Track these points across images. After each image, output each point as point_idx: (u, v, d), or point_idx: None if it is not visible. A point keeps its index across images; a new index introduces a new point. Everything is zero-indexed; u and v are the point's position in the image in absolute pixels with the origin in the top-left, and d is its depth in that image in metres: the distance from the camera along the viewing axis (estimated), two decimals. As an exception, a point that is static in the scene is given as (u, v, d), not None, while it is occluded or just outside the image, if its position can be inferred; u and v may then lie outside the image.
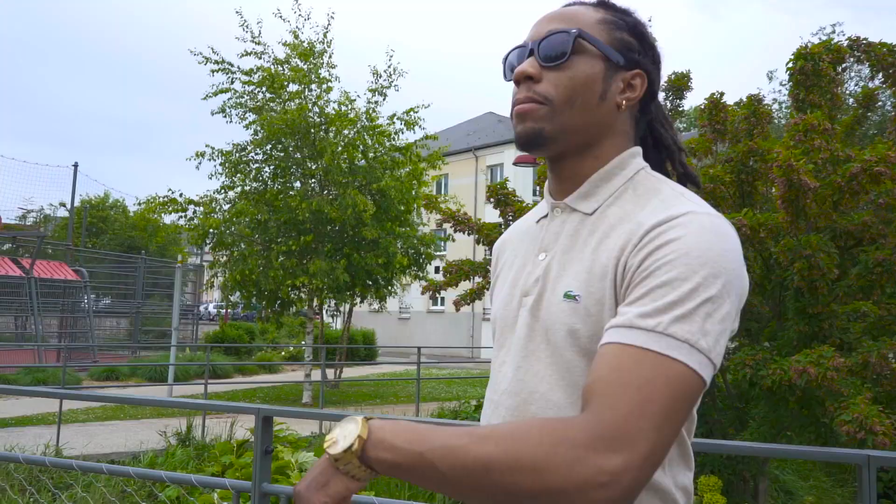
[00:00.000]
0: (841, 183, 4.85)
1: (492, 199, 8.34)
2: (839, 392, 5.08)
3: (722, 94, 6.67)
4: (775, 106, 24.67)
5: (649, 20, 1.12)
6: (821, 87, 5.53)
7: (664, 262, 0.82)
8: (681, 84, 8.20)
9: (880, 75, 6.30)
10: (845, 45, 5.91)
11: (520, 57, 1.01)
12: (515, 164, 13.38)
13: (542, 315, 0.95)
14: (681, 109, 9.13)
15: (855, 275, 5.60)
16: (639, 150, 1.02)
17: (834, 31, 25.24)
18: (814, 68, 5.47)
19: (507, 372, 0.99)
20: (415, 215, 13.30)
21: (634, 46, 0.99)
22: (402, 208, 12.70)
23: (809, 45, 5.57)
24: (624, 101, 0.98)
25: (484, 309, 28.04)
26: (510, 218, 8.35)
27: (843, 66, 5.73)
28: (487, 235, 8.39)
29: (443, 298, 31.52)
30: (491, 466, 0.74)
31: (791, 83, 5.77)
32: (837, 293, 5.72)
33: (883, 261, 5.36)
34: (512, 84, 1.01)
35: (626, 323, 0.81)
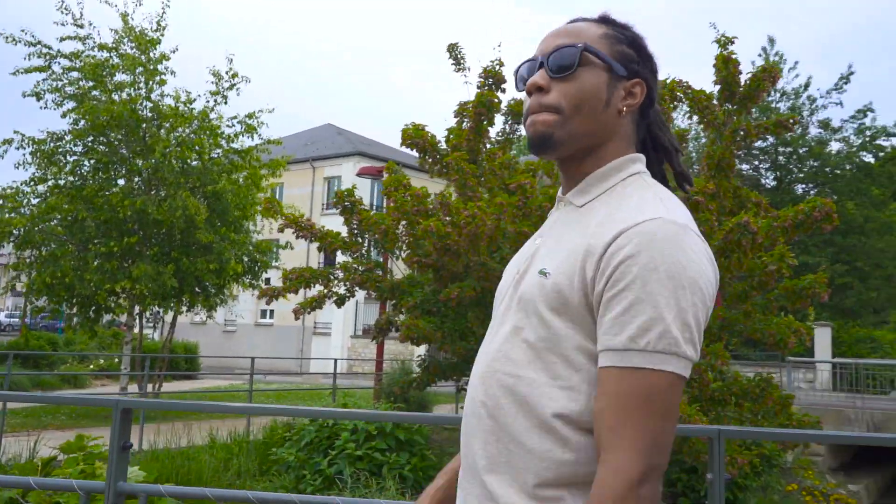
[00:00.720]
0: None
1: (337, 207, 8.26)
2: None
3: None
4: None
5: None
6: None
7: (630, 281, 0.92)
8: (518, 109, 8.66)
9: (695, 117, 7.09)
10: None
11: (530, 70, 1.10)
12: (359, 174, 13.37)
13: (521, 288, 1.05)
14: (519, 135, 9.63)
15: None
16: (641, 157, 1.10)
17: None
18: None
19: (489, 338, 1.10)
20: (250, 222, 12.79)
21: (634, 58, 1.08)
22: (238, 214, 12.18)
23: None
24: (625, 108, 1.07)
25: (315, 322, 27.50)
26: (355, 226, 8.30)
27: (674, 103, 6.34)
28: (331, 244, 8.28)
29: (272, 311, 30.55)
30: None
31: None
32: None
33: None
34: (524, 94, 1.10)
35: (618, 346, 0.91)
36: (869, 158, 23.91)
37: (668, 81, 6.26)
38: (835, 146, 23.76)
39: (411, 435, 6.66)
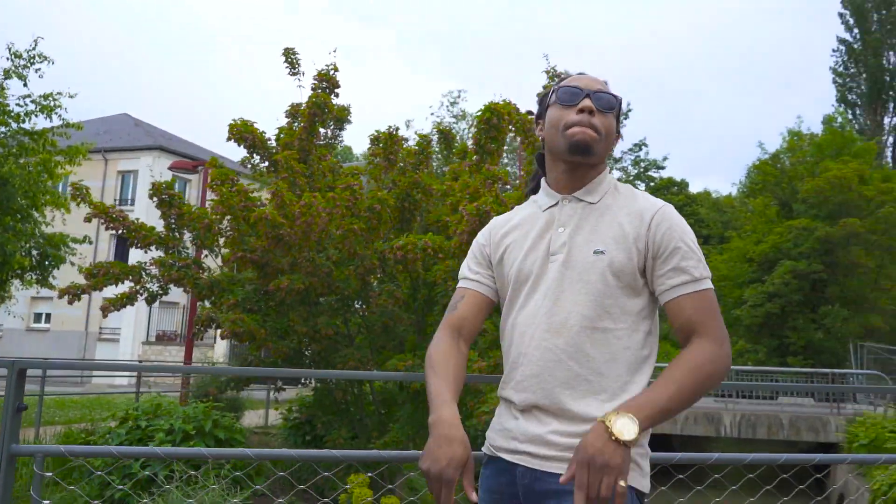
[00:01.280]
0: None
1: (155, 198, 7.86)
2: (479, 389, 6.04)
3: (397, 128, 7.46)
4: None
5: None
6: (497, 139, 6.64)
7: (675, 237, 1.47)
8: (342, 115, 8.83)
9: (518, 139, 7.77)
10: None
11: (573, 95, 1.52)
12: (171, 168, 12.62)
13: (573, 265, 1.47)
14: (340, 140, 9.81)
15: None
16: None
17: (459, 96, 29.40)
18: (496, 122, 6.58)
19: (543, 304, 1.47)
20: (38, 213, 11.55)
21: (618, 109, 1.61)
22: (26, 202, 10.97)
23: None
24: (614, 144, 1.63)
25: (101, 328, 25.22)
26: (173, 220, 7.94)
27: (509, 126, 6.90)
28: (145, 238, 7.84)
29: (48, 315, 27.45)
30: (701, 389, 1.37)
31: (476, 130, 6.82)
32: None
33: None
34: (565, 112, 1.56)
35: (685, 280, 1.44)
36: (642, 187, 27.18)
37: (501, 103, 6.79)
38: (616, 174, 26.71)
39: (232, 434, 6.52)
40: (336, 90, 7.78)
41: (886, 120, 33.21)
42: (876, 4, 34.11)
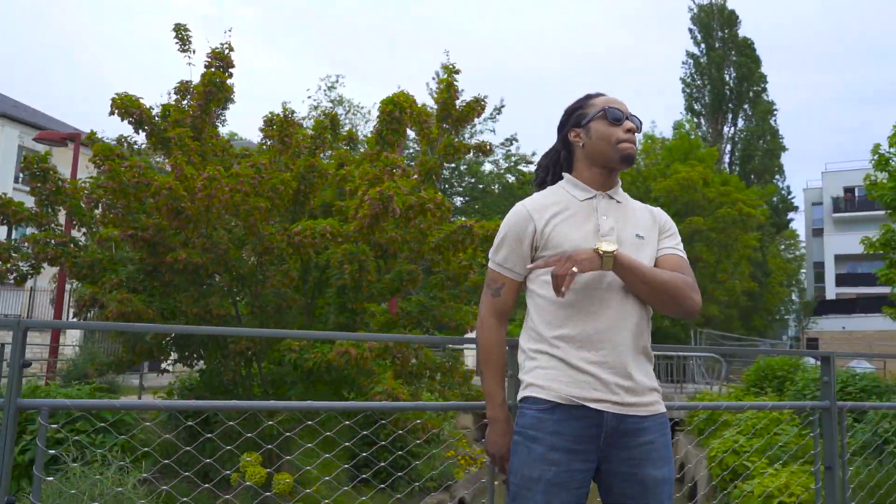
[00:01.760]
0: (400, 210, 6.08)
1: (25, 172, 7.43)
2: (371, 370, 6.30)
3: (293, 111, 7.50)
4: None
5: None
6: (399, 131, 6.87)
7: (672, 226, 2.11)
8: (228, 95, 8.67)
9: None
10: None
11: (620, 116, 1.97)
12: (37, 140, 11.68)
13: (625, 245, 1.91)
14: (224, 119, 9.66)
15: (388, 279, 7.01)
16: None
17: (337, 81, 29.15)
18: (398, 114, 6.79)
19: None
20: None
21: None
22: None
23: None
24: None
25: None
26: (45, 195, 7.54)
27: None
28: (14, 214, 7.40)
29: None
30: (679, 287, 1.90)
31: (379, 121, 6.99)
32: (372, 292, 7.05)
33: (410, 271, 6.88)
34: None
35: (676, 247, 2.04)
36: (512, 180, 28.33)
37: (400, 94, 7.03)
38: (487, 167, 27.68)
39: (120, 415, 6.38)
40: (230, 69, 7.68)
41: (726, 129, 36.65)
42: (720, 23, 37.44)
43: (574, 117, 2.02)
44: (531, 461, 1.76)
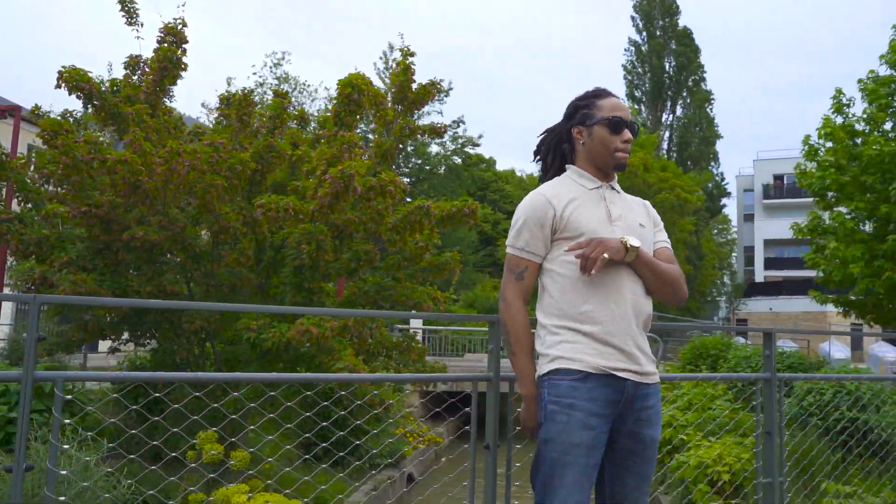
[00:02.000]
0: (361, 190, 6.17)
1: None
2: (332, 348, 6.41)
3: (251, 90, 7.46)
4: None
5: None
6: (356, 112, 6.92)
7: (659, 219, 2.38)
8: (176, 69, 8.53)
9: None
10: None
11: (620, 126, 2.17)
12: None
13: (632, 231, 2.15)
14: (172, 95, 9.50)
15: (346, 259, 7.10)
16: None
17: (283, 57, 28.66)
18: (356, 96, 6.84)
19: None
20: None
21: None
22: None
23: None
24: None
25: None
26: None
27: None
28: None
29: None
30: (677, 280, 2.21)
31: (337, 102, 7.02)
32: (329, 272, 7.12)
33: (368, 251, 6.99)
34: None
35: (666, 241, 2.32)
36: (458, 161, 28.54)
37: (357, 75, 7.07)
38: (434, 148, 27.80)
39: (76, 395, 6.32)
40: (184, 45, 7.57)
41: (664, 117, 37.70)
42: (661, 12, 38.33)
43: (579, 115, 2.21)
44: (570, 427, 1.94)
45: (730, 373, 11.04)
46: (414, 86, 7.53)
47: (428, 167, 27.17)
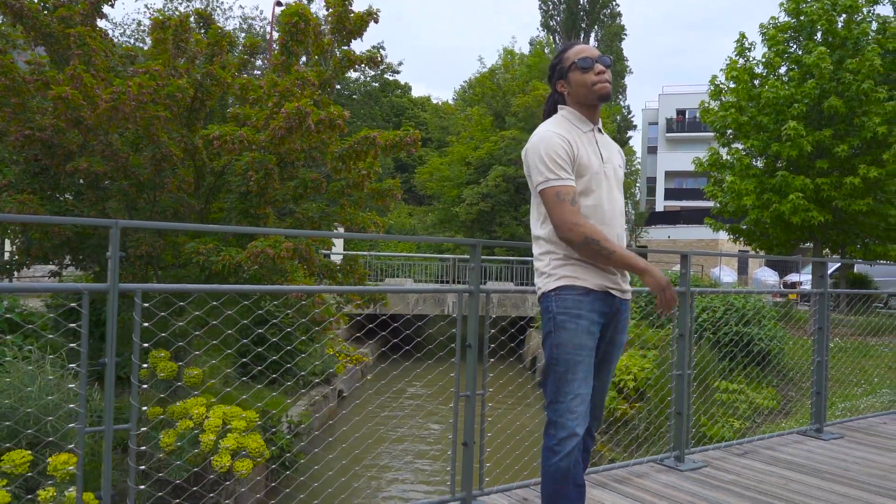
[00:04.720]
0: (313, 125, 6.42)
1: None
2: (285, 269, 6.78)
3: (188, 15, 7.42)
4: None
5: None
6: (303, 42, 7.04)
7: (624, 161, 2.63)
8: None
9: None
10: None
11: (589, 62, 2.38)
12: None
13: (617, 172, 2.46)
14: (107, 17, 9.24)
15: (292, 186, 7.39)
16: None
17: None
18: (302, 25, 6.96)
19: (614, 196, 2.44)
20: None
21: None
22: None
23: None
24: None
25: None
26: None
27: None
28: None
29: None
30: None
31: (283, 31, 7.10)
32: (276, 198, 7.40)
33: (314, 179, 7.30)
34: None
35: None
36: (377, 86, 28.37)
37: (300, 6, 7.19)
38: (353, 74, 27.49)
39: (23, 317, 6.45)
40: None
41: (578, 47, 38.27)
42: (577, -60, 38.45)
43: (557, 71, 2.51)
44: (579, 333, 2.31)
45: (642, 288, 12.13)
46: (351, 15, 7.69)
47: (347, 93, 26.91)
